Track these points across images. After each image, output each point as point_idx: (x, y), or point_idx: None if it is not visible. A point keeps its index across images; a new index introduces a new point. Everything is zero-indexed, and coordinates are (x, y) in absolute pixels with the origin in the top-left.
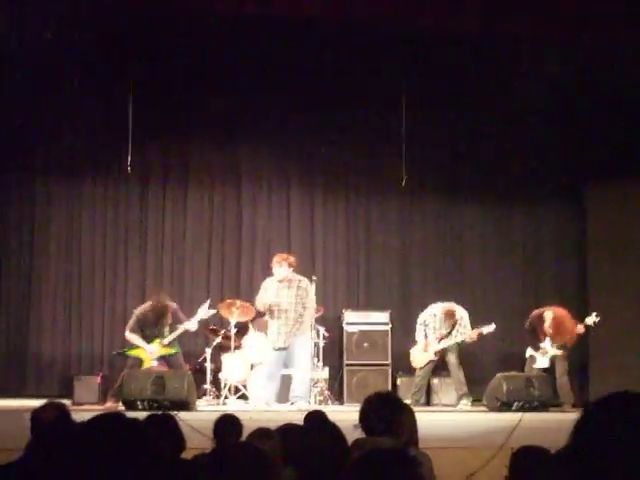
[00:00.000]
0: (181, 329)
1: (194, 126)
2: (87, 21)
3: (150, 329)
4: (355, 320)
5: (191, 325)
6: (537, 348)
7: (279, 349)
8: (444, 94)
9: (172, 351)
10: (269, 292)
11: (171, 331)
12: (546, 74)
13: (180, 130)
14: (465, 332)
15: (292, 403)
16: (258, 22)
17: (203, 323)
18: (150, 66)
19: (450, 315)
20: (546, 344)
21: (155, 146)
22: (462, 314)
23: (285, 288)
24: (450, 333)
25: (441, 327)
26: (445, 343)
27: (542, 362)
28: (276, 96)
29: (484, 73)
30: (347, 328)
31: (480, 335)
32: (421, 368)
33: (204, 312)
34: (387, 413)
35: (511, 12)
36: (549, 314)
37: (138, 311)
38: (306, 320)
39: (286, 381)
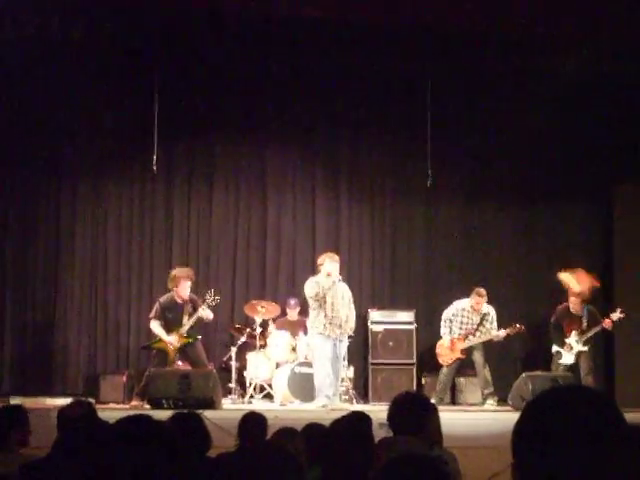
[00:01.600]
0: (195, 316)
1: (220, 125)
2: (114, 20)
3: (172, 314)
4: (380, 319)
5: (204, 313)
6: (563, 344)
7: (330, 338)
8: (470, 94)
9: (191, 340)
10: (322, 284)
11: (189, 320)
12: (575, 72)
13: (206, 129)
14: (492, 329)
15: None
16: (285, 22)
17: (227, 322)
18: (177, 65)
19: (480, 294)
20: (571, 340)
21: (181, 145)
22: (490, 310)
23: (335, 284)
24: (477, 329)
25: (469, 321)
26: (472, 341)
27: (568, 358)
28: (302, 97)
29: (511, 72)
30: (372, 327)
31: (509, 335)
32: (448, 366)
33: (211, 299)
34: (416, 413)
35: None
36: (572, 299)
37: (161, 299)
38: (353, 319)
39: (309, 380)
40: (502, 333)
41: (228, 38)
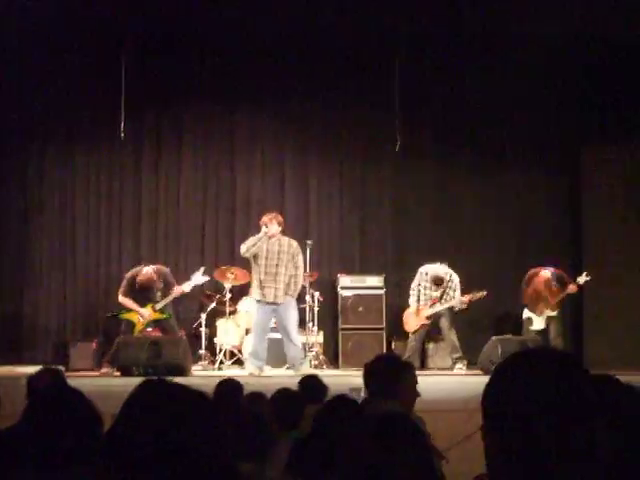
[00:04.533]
0: (173, 295)
1: (188, 90)
2: None
3: (141, 292)
4: (350, 284)
5: (184, 287)
6: (533, 309)
7: (267, 303)
8: (438, 58)
9: (163, 316)
10: (260, 243)
11: (163, 296)
12: (544, 36)
13: (174, 95)
14: (455, 296)
15: (290, 367)
16: None
17: (198, 288)
18: (143, 30)
19: (438, 282)
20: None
21: (149, 112)
22: (452, 276)
23: (276, 245)
24: (441, 297)
25: (431, 287)
26: (437, 307)
27: (538, 323)
28: (271, 60)
29: (479, 36)
30: (342, 292)
31: (470, 301)
32: (414, 332)
33: (198, 278)
34: (394, 376)
35: None
36: (543, 273)
37: (128, 274)
38: (299, 280)
39: (279, 345)
40: (464, 299)
41: (195, 2)
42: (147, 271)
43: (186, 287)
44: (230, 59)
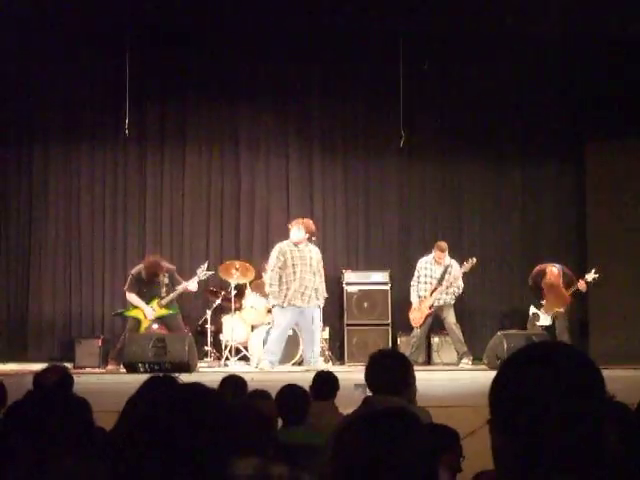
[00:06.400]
0: (179, 290)
1: (192, 88)
2: None
3: (146, 287)
4: (355, 280)
5: (191, 286)
6: (539, 306)
7: (295, 307)
8: (442, 52)
9: (170, 311)
10: (287, 255)
11: (168, 292)
12: (548, 30)
13: (178, 92)
14: (455, 281)
15: (306, 364)
16: None
17: (203, 285)
18: (147, 28)
19: (441, 249)
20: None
21: (153, 108)
22: (453, 264)
23: (304, 251)
24: (440, 283)
25: (432, 274)
26: (438, 293)
27: (545, 320)
28: (274, 58)
29: (484, 28)
30: (347, 288)
31: (464, 273)
32: (420, 326)
33: (202, 273)
34: (398, 371)
35: None
36: (551, 269)
37: (133, 270)
38: (323, 286)
39: (287, 343)
40: (458, 275)
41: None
42: (151, 257)
43: (192, 285)
44: (232, 55)
